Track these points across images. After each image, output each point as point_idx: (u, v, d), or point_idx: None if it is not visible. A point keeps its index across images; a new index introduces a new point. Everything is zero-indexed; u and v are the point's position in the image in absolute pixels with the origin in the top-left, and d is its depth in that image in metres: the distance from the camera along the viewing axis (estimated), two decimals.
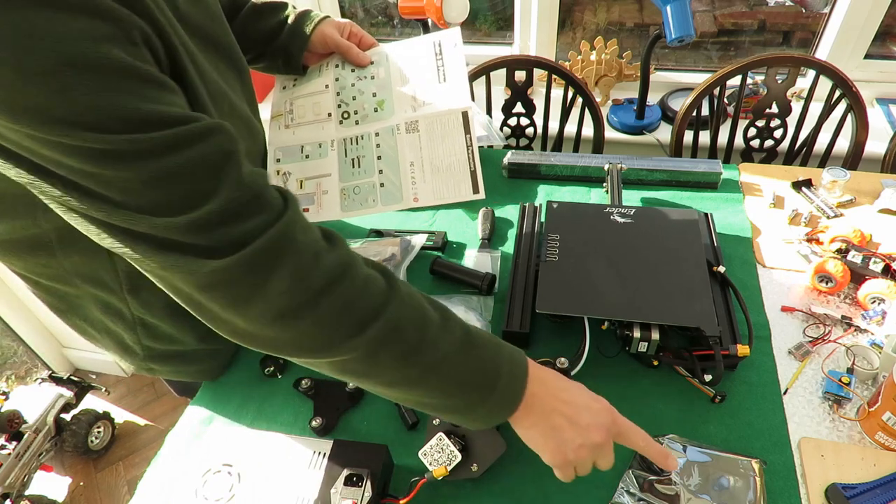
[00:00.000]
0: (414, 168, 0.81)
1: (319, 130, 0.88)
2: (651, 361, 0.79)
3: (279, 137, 0.90)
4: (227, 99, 0.71)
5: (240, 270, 0.48)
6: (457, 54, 0.87)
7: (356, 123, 0.86)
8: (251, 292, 0.49)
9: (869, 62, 1.67)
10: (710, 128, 1.50)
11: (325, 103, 0.89)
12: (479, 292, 0.93)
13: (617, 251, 0.86)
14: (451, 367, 0.55)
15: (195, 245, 0.47)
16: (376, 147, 0.84)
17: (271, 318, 0.50)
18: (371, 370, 0.54)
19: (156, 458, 0.77)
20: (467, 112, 0.82)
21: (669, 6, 1.37)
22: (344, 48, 0.88)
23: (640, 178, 1.14)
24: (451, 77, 0.86)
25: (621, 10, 1.91)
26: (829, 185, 1.06)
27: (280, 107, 0.93)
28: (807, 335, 0.84)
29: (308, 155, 0.87)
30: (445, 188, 0.81)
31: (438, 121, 0.83)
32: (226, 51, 0.73)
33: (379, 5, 2.07)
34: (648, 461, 0.68)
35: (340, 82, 0.90)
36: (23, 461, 1.62)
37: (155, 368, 0.82)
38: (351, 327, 0.51)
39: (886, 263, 0.87)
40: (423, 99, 0.85)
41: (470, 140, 0.81)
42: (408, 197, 0.81)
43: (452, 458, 0.65)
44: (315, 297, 0.50)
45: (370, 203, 0.82)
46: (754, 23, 1.85)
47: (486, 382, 0.56)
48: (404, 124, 0.84)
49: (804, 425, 0.74)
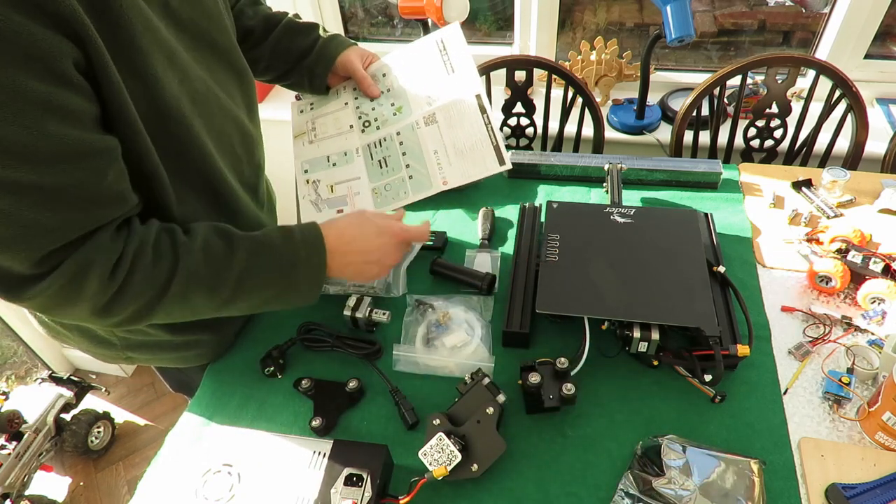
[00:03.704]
0: (438, 155, 0.85)
1: (343, 141, 0.91)
2: (651, 361, 0.79)
3: (304, 152, 0.94)
4: (216, 99, 0.71)
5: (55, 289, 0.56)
6: (460, 45, 0.91)
7: (377, 129, 0.90)
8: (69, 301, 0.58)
9: (869, 62, 1.67)
10: (710, 128, 1.50)
11: (345, 118, 0.93)
12: (479, 292, 0.93)
13: (617, 251, 0.86)
14: (252, 277, 0.67)
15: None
16: (399, 145, 0.87)
17: (91, 312, 0.60)
18: (194, 310, 0.67)
19: (156, 458, 0.77)
20: (480, 94, 0.86)
21: (669, 6, 1.37)
22: (359, 77, 0.93)
23: (640, 178, 1.13)
24: (458, 67, 0.90)
25: (621, 10, 1.91)
26: (829, 185, 1.06)
27: (302, 126, 0.96)
28: (807, 335, 0.84)
29: (335, 163, 0.91)
30: (472, 166, 0.84)
31: (454, 108, 0.87)
32: (223, 52, 0.73)
33: (379, 5, 2.06)
34: (647, 462, 0.68)
35: (359, 100, 0.94)
36: (23, 461, 1.62)
37: (133, 357, 0.84)
38: (156, 294, 0.62)
39: (886, 263, 0.87)
40: (437, 93, 0.89)
41: (487, 119, 0.85)
42: (437, 182, 0.84)
43: (452, 458, 0.65)
44: (120, 290, 0.60)
45: (402, 196, 0.86)
46: (754, 23, 1.85)
47: (289, 272, 0.69)
48: (423, 119, 0.88)
49: (804, 425, 0.74)
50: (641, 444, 0.70)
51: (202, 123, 0.68)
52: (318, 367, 0.86)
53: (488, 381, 0.73)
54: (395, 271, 0.96)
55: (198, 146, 0.67)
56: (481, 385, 0.73)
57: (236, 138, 0.77)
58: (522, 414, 0.77)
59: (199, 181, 0.71)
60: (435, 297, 0.91)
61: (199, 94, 0.67)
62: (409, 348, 0.85)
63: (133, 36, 0.56)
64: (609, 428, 0.75)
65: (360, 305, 0.87)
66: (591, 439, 0.74)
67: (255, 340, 0.91)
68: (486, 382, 0.73)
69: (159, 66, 0.59)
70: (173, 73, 0.62)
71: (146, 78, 0.58)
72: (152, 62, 0.58)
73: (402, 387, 0.80)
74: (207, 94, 0.69)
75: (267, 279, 0.68)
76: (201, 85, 0.68)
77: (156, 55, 0.59)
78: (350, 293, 0.90)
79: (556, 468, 0.71)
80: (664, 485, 0.64)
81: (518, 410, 0.77)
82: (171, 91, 0.61)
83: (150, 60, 0.58)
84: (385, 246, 0.76)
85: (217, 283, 0.65)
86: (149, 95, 0.59)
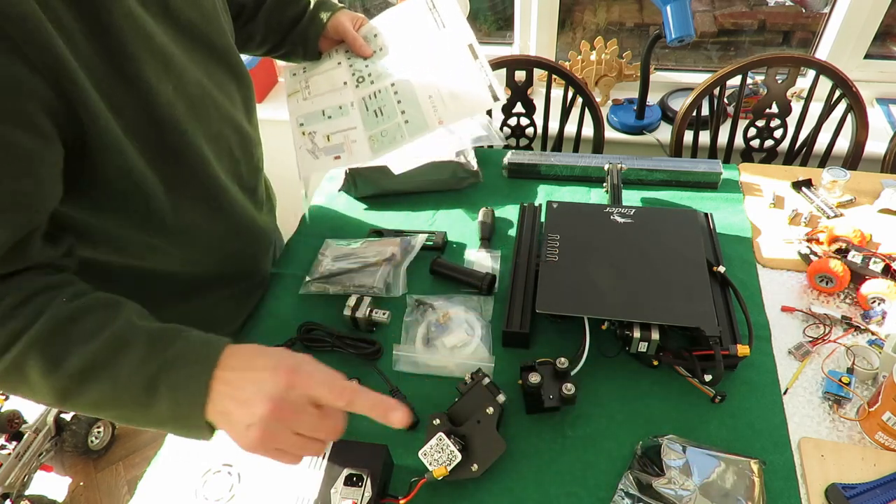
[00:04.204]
0: (433, 99, 0.85)
1: (338, 96, 0.92)
2: (651, 361, 0.79)
3: (299, 108, 0.94)
4: (213, 101, 0.71)
5: None
6: (449, 2, 0.93)
7: (371, 83, 0.90)
8: None
9: (869, 62, 1.67)
10: (710, 128, 1.50)
11: (339, 75, 0.94)
12: (479, 292, 0.93)
13: (617, 251, 0.86)
14: (99, 374, 0.51)
15: None
16: (394, 94, 0.88)
17: None
18: (33, 389, 0.52)
19: (156, 458, 0.77)
20: (472, 44, 0.87)
21: (669, 6, 1.37)
22: (350, 38, 0.92)
23: (640, 178, 1.13)
24: (448, 22, 0.91)
25: (621, 10, 1.91)
26: (829, 185, 1.06)
27: (295, 86, 0.96)
28: (807, 335, 0.84)
29: (330, 116, 0.91)
30: (467, 103, 0.85)
31: (447, 59, 0.87)
32: (221, 54, 0.73)
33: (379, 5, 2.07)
34: (647, 462, 0.68)
35: (351, 59, 0.94)
36: (23, 461, 1.62)
37: None
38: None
39: (886, 263, 0.87)
40: (429, 48, 0.90)
41: (480, 63, 0.86)
42: (433, 122, 0.84)
43: (452, 458, 0.65)
44: None
45: (399, 139, 0.85)
46: (754, 23, 1.85)
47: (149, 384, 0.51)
48: (417, 71, 0.88)
49: (804, 425, 0.74)
50: (641, 444, 0.70)
51: (198, 127, 0.67)
52: None
53: (488, 381, 0.73)
54: (395, 271, 0.96)
55: (193, 151, 0.67)
56: (481, 385, 0.73)
57: (234, 140, 0.77)
58: (522, 414, 0.77)
59: (195, 187, 0.70)
60: (435, 297, 0.91)
61: (196, 97, 0.67)
62: (409, 348, 0.85)
63: (124, 44, 0.55)
64: (609, 428, 0.75)
65: (360, 305, 0.87)
66: (591, 439, 0.74)
67: (255, 341, 0.91)
68: (486, 382, 0.73)
69: (152, 74, 0.59)
70: (168, 79, 0.61)
71: (138, 85, 0.58)
72: (145, 69, 0.58)
73: (402, 387, 0.80)
74: (204, 97, 0.69)
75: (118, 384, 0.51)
76: (197, 89, 0.67)
77: (149, 62, 0.58)
78: (350, 293, 0.90)
79: (556, 468, 0.71)
80: (664, 485, 0.64)
81: (518, 410, 0.77)
82: (166, 98, 0.61)
83: (143, 67, 0.57)
84: (264, 381, 0.50)
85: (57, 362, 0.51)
86: (142, 104, 0.58)
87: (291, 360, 0.52)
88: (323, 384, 0.51)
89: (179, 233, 0.72)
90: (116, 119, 0.57)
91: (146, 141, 0.61)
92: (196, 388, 0.50)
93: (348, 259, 0.98)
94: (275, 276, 1.00)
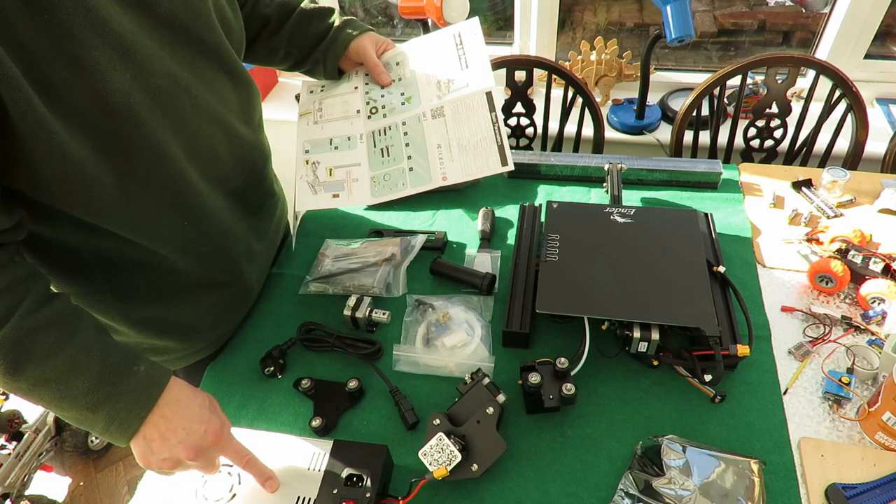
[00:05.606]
0: (441, 150, 0.85)
1: (348, 126, 0.91)
2: (651, 361, 0.79)
3: (307, 132, 0.93)
4: (191, 97, 0.68)
5: None
6: (477, 41, 0.91)
7: (384, 117, 0.90)
8: None
9: (869, 62, 1.67)
10: (710, 128, 1.50)
11: (353, 102, 0.93)
12: (479, 292, 0.93)
13: (617, 251, 0.86)
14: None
15: None
16: (404, 135, 0.87)
17: None
18: None
19: None
20: (490, 92, 0.86)
21: (669, 6, 1.37)
22: (371, 64, 0.92)
23: (640, 178, 1.14)
24: (472, 62, 0.89)
25: (621, 10, 1.91)
26: (829, 185, 1.06)
27: (308, 106, 0.96)
28: (807, 335, 0.84)
29: (337, 147, 0.90)
30: (474, 164, 0.84)
31: (463, 104, 0.86)
32: (211, 51, 0.71)
33: (379, 5, 2.07)
34: (647, 462, 0.68)
35: (369, 86, 0.94)
36: (23, 461, 1.62)
37: None
38: None
39: (886, 263, 0.87)
40: (448, 87, 0.88)
41: (495, 117, 0.85)
42: (436, 177, 0.84)
43: (452, 458, 0.65)
44: None
45: (400, 187, 0.85)
46: (754, 23, 1.85)
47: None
48: (430, 111, 0.87)
49: (804, 425, 0.74)
50: (641, 444, 0.70)
51: (164, 121, 0.65)
52: (318, 367, 0.86)
53: (488, 381, 0.73)
54: (395, 271, 0.96)
55: (152, 144, 0.64)
56: (481, 385, 0.73)
57: (219, 139, 0.74)
58: (522, 414, 0.77)
59: (153, 181, 0.67)
60: (435, 297, 0.91)
61: (164, 90, 0.64)
62: (409, 348, 0.85)
63: (69, 27, 0.54)
64: (609, 428, 0.75)
65: (360, 305, 0.87)
66: (591, 439, 0.74)
67: (255, 340, 0.91)
68: (486, 382, 0.73)
69: (104, 59, 0.57)
70: (125, 67, 0.59)
71: (86, 70, 0.56)
72: (94, 54, 0.56)
73: (402, 387, 0.80)
74: (177, 91, 0.66)
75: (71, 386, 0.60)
76: (167, 81, 0.65)
77: (101, 48, 0.56)
78: (350, 293, 0.90)
79: (556, 468, 0.71)
80: (664, 485, 0.64)
81: (518, 410, 0.77)
82: (119, 85, 0.59)
83: (92, 52, 0.56)
84: (196, 435, 0.63)
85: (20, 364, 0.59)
86: (88, 90, 0.57)
87: (219, 422, 0.64)
88: (234, 452, 0.65)
89: (136, 223, 0.69)
90: (50, 102, 0.55)
91: (94, 128, 0.59)
92: (129, 422, 0.61)
93: (348, 259, 0.98)
94: (275, 276, 1.00)
